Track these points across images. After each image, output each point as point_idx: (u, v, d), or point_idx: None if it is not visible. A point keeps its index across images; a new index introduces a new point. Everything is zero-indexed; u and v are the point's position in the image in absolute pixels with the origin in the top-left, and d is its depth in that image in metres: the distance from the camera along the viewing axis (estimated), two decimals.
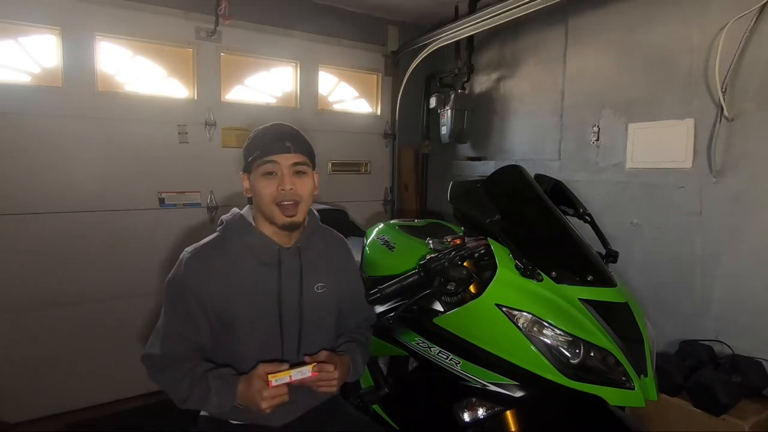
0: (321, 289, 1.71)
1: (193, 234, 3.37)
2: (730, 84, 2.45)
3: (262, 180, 1.57)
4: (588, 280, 1.64)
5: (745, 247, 2.46)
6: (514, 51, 3.75)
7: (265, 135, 1.60)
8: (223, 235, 1.64)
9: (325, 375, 1.55)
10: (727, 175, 2.51)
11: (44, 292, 3.08)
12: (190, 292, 1.54)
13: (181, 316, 1.56)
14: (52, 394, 3.13)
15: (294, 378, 1.50)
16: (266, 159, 1.55)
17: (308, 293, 1.67)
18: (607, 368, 1.51)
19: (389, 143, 4.47)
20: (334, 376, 1.58)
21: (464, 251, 1.71)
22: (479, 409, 1.65)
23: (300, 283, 1.65)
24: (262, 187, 1.57)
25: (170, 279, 1.58)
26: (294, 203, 1.57)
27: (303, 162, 1.60)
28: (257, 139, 1.60)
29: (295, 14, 3.82)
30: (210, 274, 1.55)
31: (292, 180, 1.56)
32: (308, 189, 1.61)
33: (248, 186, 1.63)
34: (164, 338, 1.57)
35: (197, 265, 1.56)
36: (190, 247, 1.61)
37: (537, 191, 1.90)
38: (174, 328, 1.57)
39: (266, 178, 1.56)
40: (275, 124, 1.64)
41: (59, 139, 3.05)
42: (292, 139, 1.59)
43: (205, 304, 1.54)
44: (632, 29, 2.91)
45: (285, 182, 1.55)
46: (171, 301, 1.58)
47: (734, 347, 2.46)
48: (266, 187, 1.56)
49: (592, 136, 3.14)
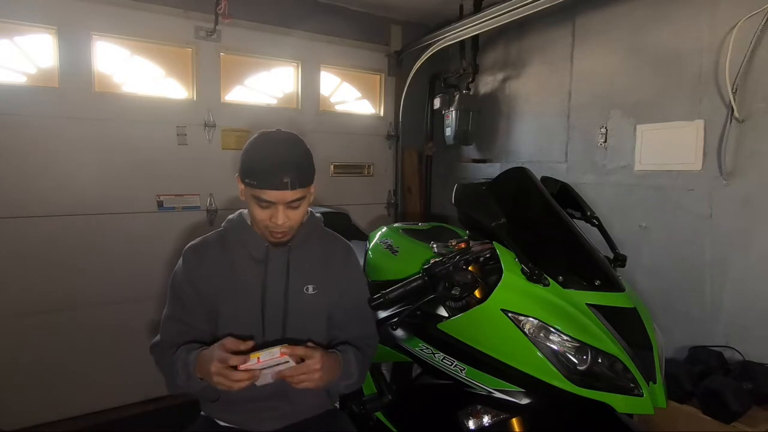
0: (312, 291, 1.67)
1: (192, 237, 3.25)
2: (740, 84, 2.43)
3: (253, 205, 1.52)
4: (596, 285, 1.63)
5: (756, 250, 2.44)
6: (519, 51, 3.73)
7: (262, 161, 1.47)
8: (223, 231, 1.70)
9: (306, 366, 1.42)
10: (737, 178, 2.48)
11: (39, 297, 3.05)
12: (186, 282, 1.62)
13: (178, 304, 1.64)
14: (48, 402, 3.10)
15: (263, 359, 1.36)
16: (260, 195, 1.47)
17: (296, 294, 1.64)
18: (615, 375, 1.50)
19: (392, 145, 4.45)
20: (316, 367, 1.42)
21: (469, 255, 1.71)
22: (484, 417, 1.65)
23: (286, 283, 1.64)
24: (253, 211, 1.53)
25: (174, 271, 1.67)
26: (284, 233, 1.57)
27: (300, 197, 1.51)
28: (254, 164, 1.48)
29: (296, 13, 3.80)
30: (204, 266, 1.62)
31: (286, 213, 1.51)
32: (301, 216, 1.58)
33: (241, 191, 1.57)
34: (164, 325, 1.66)
35: (193, 256, 1.65)
36: (191, 242, 1.70)
37: (543, 194, 1.88)
38: (172, 315, 1.65)
39: (258, 206, 1.50)
40: (274, 146, 1.50)
41: (55, 140, 3.02)
42: (292, 173, 1.46)
43: (201, 293, 1.61)
44: (641, 28, 2.90)
45: (278, 217, 1.49)
46: (171, 290, 1.66)
47: (745, 353, 2.43)
48: (258, 213, 1.52)
49: (599, 137, 3.12)
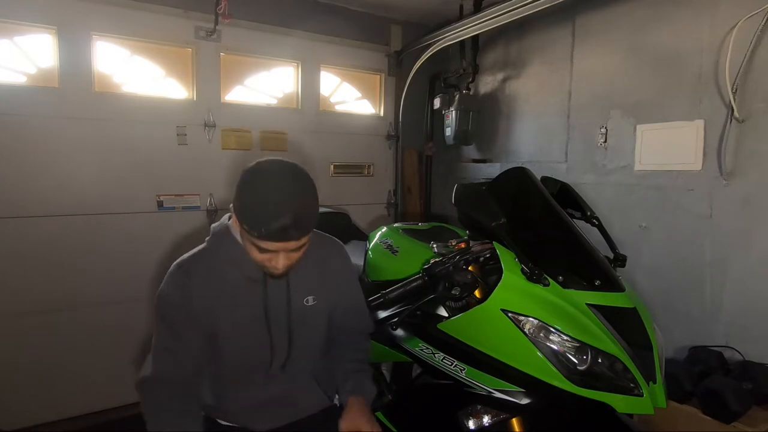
0: (311, 302, 1.65)
1: (191, 238, 3.33)
2: (740, 84, 2.42)
3: (252, 248, 1.41)
4: (595, 285, 1.64)
5: (756, 250, 2.43)
6: (519, 51, 3.73)
7: (261, 207, 1.33)
8: (209, 246, 1.58)
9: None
10: (737, 178, 2.48)
11: (39, 297, 3.04)
12: (176, 306, 1.51)
13: (169, 332, 1.52)
14: (47, 402, 3.09)
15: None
16: (260, 245, 1.37)
17: (297, 308, 1.61)
18: (615, 375, 1.50)
19: (392, 145, 4.44)
20: None
21: (469, 255, 1.72)
22: (484, 417, 1.65)
23: (287, 296, 1.60)
24: (251, 252, 1.43)
25: (158, 293, 1.54)
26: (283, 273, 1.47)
27: (303, 244, 1.42)
28: (252, 208, 1.34)
29: (296, 13, 3.79)
30: (195, 284, 1.51)
31: (288, 257, 1.42)
32: (304, 253, 1.47)
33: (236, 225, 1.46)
34: (155, 357, 1.53)
35: (182, 278, 1.51)
36: (177, 260, 1.56)
37: (543, 194, 1.88)
38: (164, 344, 1.53)
39: (258, 250, 1.40)
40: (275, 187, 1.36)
41: (55, 140, 3.02)
42: (297, 224, 1.33)
43: (192, 316, 1.51)
44: (641, 28, 2.89)
45: (279, 263, 1.41)
46: (160, 316, 1.54)
47: (745, 353, 2.43)
48: (256, 256, 1.42)
49: (599, 137, 3.11)
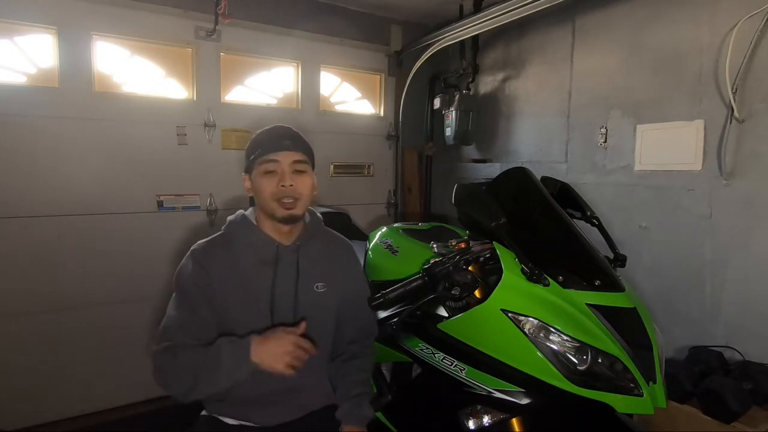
0: (321, 288, 1.74)
1: (192, 238, 3.28)
2: (740, 84, 2.42)
3: (263, 178, 1.64)
4: (595, 285, 1.63)
5: (756, 251, 2.43)
6: (519, 51, 3.73)
7: (265, 135, 1.69)
8: (227, 233, 1.72)
9: None
10: (737, 178, 2.48)
11: (39, 297, 3.04)
12: (194, 285, 1.60)
13: (187, 310, 1.60)
14: (49, 401, 3.09)
15: None
16: (267, 158, 1.63)
17: (306, 293, 1.70)
18: (614, 375, 1.49)
19: (392, 145, 4.44)
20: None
21: (469, 255, 1.71)
22: (484, 417, 1.65)
23: (296, 283, 1.69)
24: (263, 185, 1.64)
25: (178, 271, 1.65)
26: (294, 200, 1.64)
27: (302, 160, 1.68)
28: (258, 140, 1.69)
29: (296, 13, 3.79)
30: (211, 269, 1.61)
31: (292, 177, 1.64)
32: (308, 187, 1.69)
33: (249, 186, 1.71)
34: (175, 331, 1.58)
35: (202, 259, 1.63)
36: (198, 242, 1.68)
37: (543, 194, 1.88)
38: (180, 322, 1.59)
39: (267, 177, 1.64)
40: (276, 126, 1.73)
41: (55, 140, 3.02)
42: (292, 138, 1.68)
43: (209, 294, 1.60)
44: (641, 28, 2.89)
45: (285, 179, 1.63)
46: (178, 293, 1.63)
47: (745, 353, 2.43)
48: (267, 185, 1.63)
49: (599, 137, 3.11)
